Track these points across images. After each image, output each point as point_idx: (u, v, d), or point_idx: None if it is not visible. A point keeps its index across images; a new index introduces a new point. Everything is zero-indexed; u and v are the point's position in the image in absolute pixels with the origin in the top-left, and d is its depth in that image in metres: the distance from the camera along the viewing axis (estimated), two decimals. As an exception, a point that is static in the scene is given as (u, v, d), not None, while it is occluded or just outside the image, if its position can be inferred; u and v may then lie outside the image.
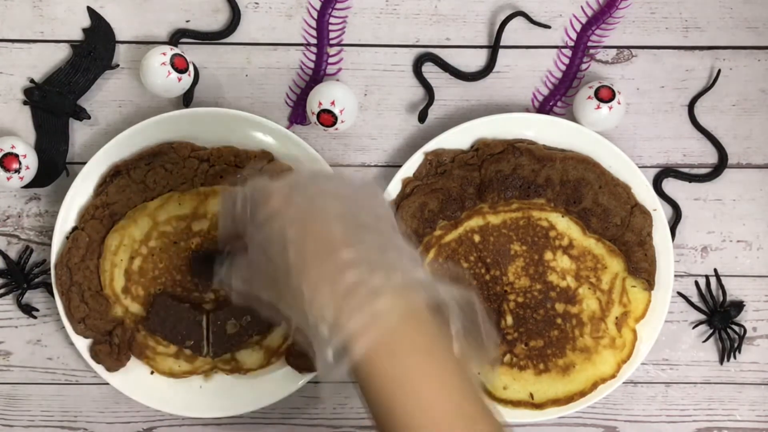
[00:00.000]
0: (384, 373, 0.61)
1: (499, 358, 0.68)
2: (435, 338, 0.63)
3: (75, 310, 0.85)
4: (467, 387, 0.63)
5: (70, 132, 0.88)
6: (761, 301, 0.91)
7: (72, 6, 0.88)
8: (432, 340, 0.62)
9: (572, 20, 0.89)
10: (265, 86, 0.89)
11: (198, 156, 0.86)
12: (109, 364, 0.86)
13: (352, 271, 0.61)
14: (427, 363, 0.61)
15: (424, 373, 0.61)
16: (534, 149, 0.86)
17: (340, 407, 0.91)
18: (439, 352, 0.62)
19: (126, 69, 0.88)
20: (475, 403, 0.62)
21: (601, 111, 0.85)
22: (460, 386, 0.62)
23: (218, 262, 0.72)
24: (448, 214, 0.87)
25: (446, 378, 0.62)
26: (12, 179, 0.83)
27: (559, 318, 0.88)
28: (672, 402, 0.92)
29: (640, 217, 0.86)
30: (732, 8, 0.90)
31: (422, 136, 0.89)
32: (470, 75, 0.89)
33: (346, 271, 0.61)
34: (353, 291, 0.61)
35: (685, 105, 0.90)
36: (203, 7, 0.88)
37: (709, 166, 0.91)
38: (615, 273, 0.88)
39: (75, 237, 0.85)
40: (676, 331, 0.91)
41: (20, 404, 0.90)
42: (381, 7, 0.89)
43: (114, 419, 0.90)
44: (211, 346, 0.86)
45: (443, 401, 0.61)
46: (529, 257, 0.88)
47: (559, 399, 0.88)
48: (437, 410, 0.61)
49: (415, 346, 0.62)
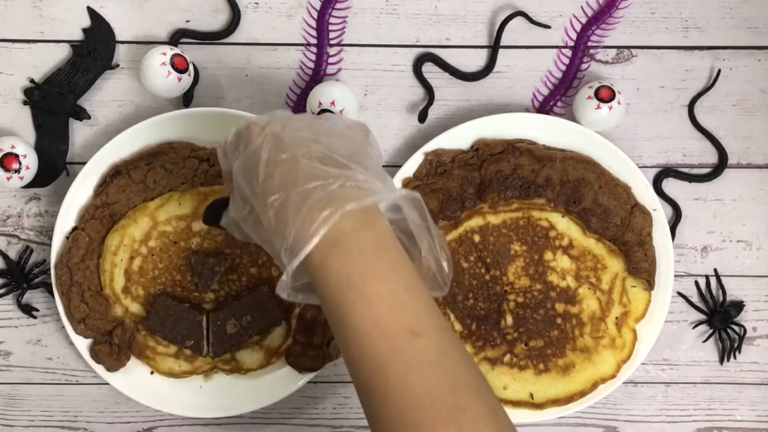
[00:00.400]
0: (335, 271, 0.63)
1: (449, 284, 0.71)
2: (386, 241, 0.65)
3: (75, 310, 0.85)
4: (414, 285, 0.65)
5: (70, 132, 0.88)
6: (761, 301, 0.91)
7: (72, 6, 0.88)
8: (382, 243, 0.65)
9: (572, 20, 0.89)
10: (265, 86, 0.89)
11: (198, 156, 0.86)
12: (109, 364, 0.86)
13: (311, 185, 0.64)
14: (375, 261, 0.64)
15: (370, 271, 0.64)
16: (534, 149, 0.86)
17: (340, 407, 0.91)
18: (388, 252, 0.65)
19: (126, 69, 0.88)
20: (417, 299, 0.64)
21: (601, 111, 0.85)
22: (406, 284, 0.65)
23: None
24: (448, 214, 0.87)
25: (392, 275, 0.64)
26: (12, 179, 0.83)
27: (559, 318, 0.88)
28: (672, 402, 0.92)
29: (640, 217, 0.86)
30: (732, 8, 0.90)
31: (422, 136, 0.89)
32: (470, 75, 0.89)
33: (309, 193, 0.64)
34: (311, 203, 0.64)
35: (685, 105, 0.90)
36: (203, 7, 0.88)
37: (709, 166, 0.91)
38: (615, 273, 0.88)
39: (75, 237, 0.85)
40: (676, 331, 0.91)
41: (20, 404, 0.90)
42: (381, 7, 0.89)
43: (114, 419, 0.90)
44: (211, 346, 0.86)
45: (386, 296, 0.63)
46: (529, 257, 0.88)
47: (559, 399, 0.88)
48: (380, 304, 0.63)
49: (365, 246, 0.64)
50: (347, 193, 0.64)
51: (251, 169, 0.68)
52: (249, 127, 0.70)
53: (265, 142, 0.68)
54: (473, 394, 0.62)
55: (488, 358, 0.88)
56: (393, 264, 0.65)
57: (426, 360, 0.62)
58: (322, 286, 0.65)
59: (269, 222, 0.66)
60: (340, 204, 0.63)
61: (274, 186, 0.66)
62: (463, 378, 0.62)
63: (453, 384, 0.61)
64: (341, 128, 0.71)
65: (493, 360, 0.88)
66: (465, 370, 0.63)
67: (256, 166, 0.67)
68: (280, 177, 0.66)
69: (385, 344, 0.62)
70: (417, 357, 0.62)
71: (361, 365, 0.63)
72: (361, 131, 0.72)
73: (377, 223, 0.66)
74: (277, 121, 0.70)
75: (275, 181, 0.66)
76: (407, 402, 0.60)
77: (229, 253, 0.86)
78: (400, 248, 0.67)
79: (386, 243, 0.65)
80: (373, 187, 0.66)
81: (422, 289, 0.66)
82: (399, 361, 0.62)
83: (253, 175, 0.67)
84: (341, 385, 0.91)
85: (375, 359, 0.62)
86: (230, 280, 0.87)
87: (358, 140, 0.71)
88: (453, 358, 0.63)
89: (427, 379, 0.61)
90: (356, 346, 0.63)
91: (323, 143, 0.68)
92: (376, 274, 0.64)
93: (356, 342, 0.63)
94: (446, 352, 0.63)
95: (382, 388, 0.62)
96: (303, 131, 0.69)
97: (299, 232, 0.63)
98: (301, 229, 0.63)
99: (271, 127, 0.69)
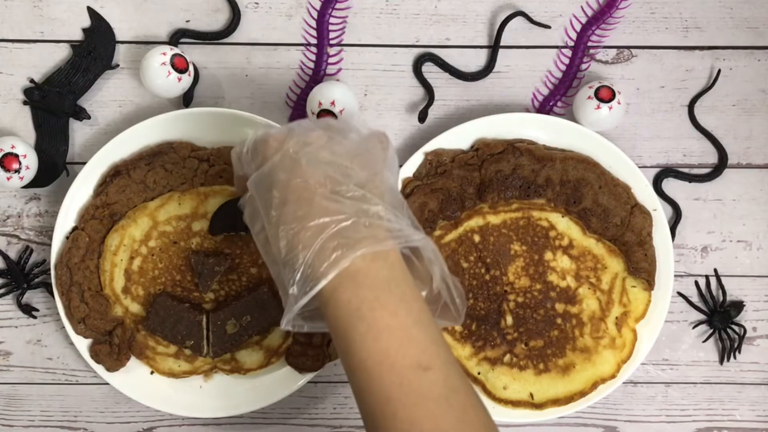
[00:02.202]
0: (344, 302, 0.63)
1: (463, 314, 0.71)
2: (397, 274, 0.65)
3: (75, 310, 0.85)
4: (423, 318, 0.65)
5: (70, 132, 0.88)
6: (761, 301, 0.91)
7: (72, 6, 0.88)
8: (392, 276, 0.65)
9: (572, 20, 0.89)
10: (265, 86, 0.89)
11: (198, 156, 0.86)
12: (109, 364, 0.86)
13: (325, 220, 0.64)
14: (386, 294, 0.64)
15: (380, 303, 0.63)
16: (534, 149, 0.86)
17: (340, 407, 0.91)
18: (399, 284, 0.65)
19: (126, 69, 0.88)
20: (426, 332, 0.64)
21: (601, 111, 0.85)
22: (416, 318, 0.64)
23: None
24: (448, 214, 0.87)
25: (401, 308, 0.64)
26: (12, 179, 0.83)
27: (559, 318, 0.88)
28: (672, 402, 0.92)
29: (640, 217, 0.86)
30: (732, 8, 0.90)
31: (422, 136, 0.89)
32: (470, 75, 0.89)
33: (322, 229, 0.64)
34: (324, 239, 0.64)
35: (685, 105, 0.90)
36: (203, 7, 0.88)
37: (709, 166, 0.91)
38: (615, 273, 0.88)
39: (75, 237, 0.85)
40: (676, 331, 0.91)
41: (20, 404, 0.90)
42: (381, 7, 0.89)
43: (114, 419, 0.90)
44: (211, 346, 0.86)
45: (396, 329, 0.63)
46: (529, 257, 0.88)
47: (559, 399, 0.88)
48: (389, 338, 0.63)
49: (377, 280, 0.64)
50: (361, 233, 0.64)
51: (266, 190, 0.67)
52: (267, 141, 0.69)
53: (281, 161, 0.67)
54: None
55: (488, 358, 0.88)
56: (403, 297, 0.65)
57: (434, 395, 0.62)
58: (331, 317, 0.64)
59: (279, 251, 0.65)
60: (353, 246, 0.63)
61: (287, 215, 0.65)
62: (471, 415, 0.62)
63: (460, 421, 0.61)
64: (361, 147, 0.70)
65: (493, 360, 0.88)
66: (473, 408, 0.63)
67: (271, 187, 0.67)
68: (294, 206, 0.65)
69: (393, 378, 0.62)
70: (425, 392, 0.62)
71: (367, 396, 0.63)
72: (380, 143, 0.71)
73: (389, 255, 0.65)
74: (297, 138, 0.68)
75: (289, 209, 0.65)
76: None
77: (229, 253, 0.86)
78: (411, 280, 0.66)
79: (397, 276, 0.65)
80: (388, 227, 0.66)
81: (431, 322, 0.65)
82: (407, 395, 0.61)
83: (268, 197, 0.67)
84: (341, 385, 0.91)
85: (383, 393, 0.62)
86: (230, 280, 0.87)
87: (377, 161, 0.70)
88: (461, 394, 0.63)
89: (434, 414, 0.61)
90: (364, 378, 0.63)
91: (341, 166, 0.67)
92: (386, 307, 0.63)
93: (364, 374, 0.63)
94: (454, 387, 0.63)
95: (390, 422, 0.62)
96: (322, 150, 0.67)
97: (309, 269, 0.63)
98: (311, 267, 0.63)
99: (288, 144, 0.67)
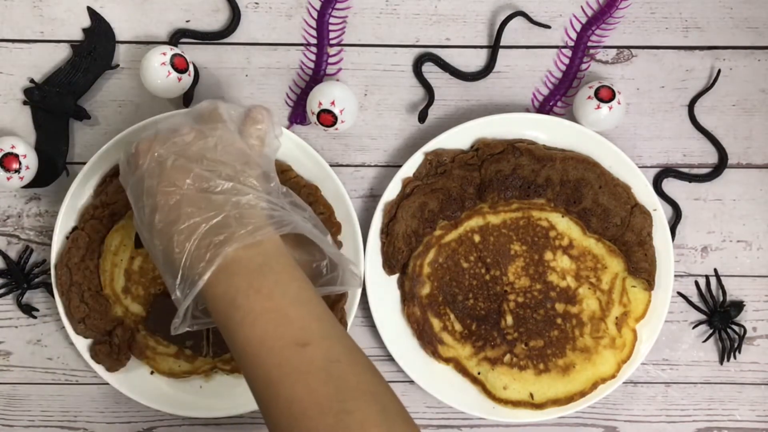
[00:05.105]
0: (220, 295, 0.64)
1: (361, 277, 0.72)
2: (270, 259, 0.66)
3: (75, 310, 0.85)
4: (303, 297, 0.65)
5: (70, 132, 0.88)
6: (761, 301, 0.91)
7: (72, 6, 0.88)
8: (266, 261, 0.65)
9: (572, 20, 0.89)
10: (265, 86, 0.89)
11: (198, 156, 0.86)
12: (109, 364, 0.86)
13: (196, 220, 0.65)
14: (259, 279, 0.64)
15: (254, 289, 0.64)
16: (534, 149, 0.86)
17: (340, 407, 0.91)
18: (273, 268, 0.65)
19: (126, 69, 0.88)
20: (305, 310, 0.65)
21: (601, 111, 0.85)
22: (293, 297, 0.65)
23: None
24: (448, 214, 0.87)
25: (276, 290, 0.65)
26: (12, 179, 0.83)
27: (559, 318, 0.88)
28: (672, 402, 0.92)
29: (640, 217, 0.86)
30: (732, 8, 0.90)
31: (422, 136, 0.89)
32: (470, 75, 0.89)
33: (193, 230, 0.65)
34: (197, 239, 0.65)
35: (685, 105, 0.90)
36: (203, 7, 0.88)
37: (709, 166, 0.91)
38: (615, 273, 0.88)
39: (75, 237, 0.85)
40: (676, 331, 0.91)
41: (20, 404, 0.90)
42: (381, 7, 0.89)
43: (114, 419, 0.90)
44: (211, 346, 0.86)
45: (272, 312, 0.64)
46: (529, 257, 0.88)
47: (559, 399, 0.88)
48: (265, 320, 0.63)
49: (250, 268, 0.65)
50: (232, 227, 0.65)
51: (138, 199, 0.68)
52: (136, 148, 0.70)
53: (148, 167, 0.68)
54: (362, 397, 0.62)
55: (488, 358, 0.88)
56: (278, 280, 0.65)
57: (313, 369, 0.62)
58: (213, 312, 0.66)
59: (157, 258, 0.67)
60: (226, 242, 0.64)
61: (160, 222, 0.66)
62: (352, 382, 0.62)
63: (339, 390, 0.61)
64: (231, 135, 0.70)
65: (493, 360, 0.88)
66: (355, 375, 0.63)
67: (141, 196, 0.68)
68: (165, 212, 0.66)
69: (272, 360, 0.62)
70: (303, 367, 0.62)
71: (253, 381, 0.64)
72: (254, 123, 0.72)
73: (263, 242, 0.66)
74: (162, 139, 0.69)
75: (161, 216, 0.66)
76: (296, 415, 0.61)
77: (229, 253, 0.86)
78: (288, 261, 0.67)
79: (270, 260, 0.66)
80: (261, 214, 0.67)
81: (312, 299, 0.66)
82: (286, 373, 0.62)
83: (141, 206, 0.68)
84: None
85: (264, 375, 0.63)
86: (230, 280, 0.87)
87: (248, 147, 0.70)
88: (342, 364, 0.63)
89: (313, 388, 0.61)
90: (248, 365, 0.64)
91: (210, 160, 0.68)
92: (260, 292, 0.64)
93: (247, 360, 0.64)
94: (335, 358, 0.63)
95: (274, 402, 0.62)
96: (190, 147, 0.69)
97: (188, 271, 0.65)
98: (189, 269, 0.65)
99: (155, 147, 0.69)
